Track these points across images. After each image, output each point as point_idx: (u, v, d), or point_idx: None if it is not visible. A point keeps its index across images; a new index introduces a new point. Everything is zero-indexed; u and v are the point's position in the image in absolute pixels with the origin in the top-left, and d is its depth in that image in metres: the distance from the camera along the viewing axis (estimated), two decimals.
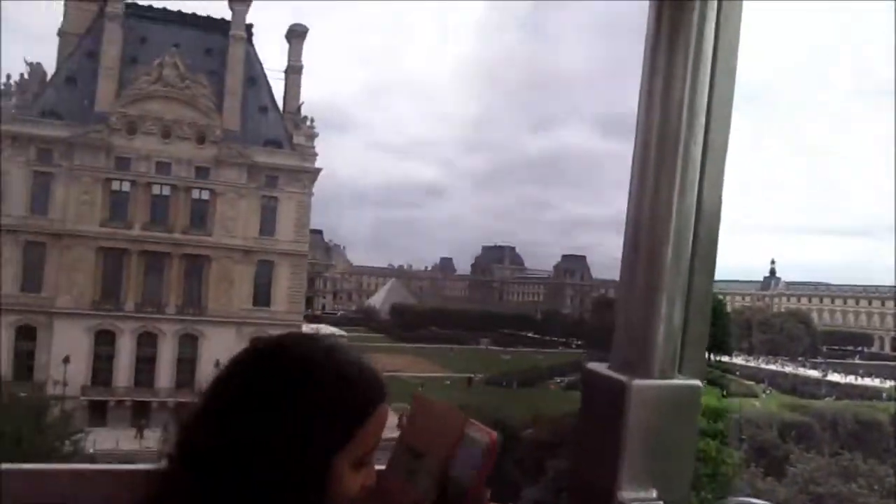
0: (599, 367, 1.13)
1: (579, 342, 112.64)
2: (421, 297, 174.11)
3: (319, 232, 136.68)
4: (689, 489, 1.10)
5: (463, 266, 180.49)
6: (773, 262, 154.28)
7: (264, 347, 1.19)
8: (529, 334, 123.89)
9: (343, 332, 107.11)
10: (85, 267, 51.79)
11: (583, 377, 1.14)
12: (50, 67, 55.51)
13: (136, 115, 53.77)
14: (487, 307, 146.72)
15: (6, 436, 26.11)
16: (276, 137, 58.19)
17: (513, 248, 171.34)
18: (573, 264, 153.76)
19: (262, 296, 55.94)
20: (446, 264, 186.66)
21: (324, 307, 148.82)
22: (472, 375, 79.38)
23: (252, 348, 1.20)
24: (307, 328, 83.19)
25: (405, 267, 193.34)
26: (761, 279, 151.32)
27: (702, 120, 1.09)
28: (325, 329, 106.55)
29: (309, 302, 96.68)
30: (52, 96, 54.02)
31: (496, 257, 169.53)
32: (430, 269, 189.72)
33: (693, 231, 1.09)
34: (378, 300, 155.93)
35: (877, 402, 45.24)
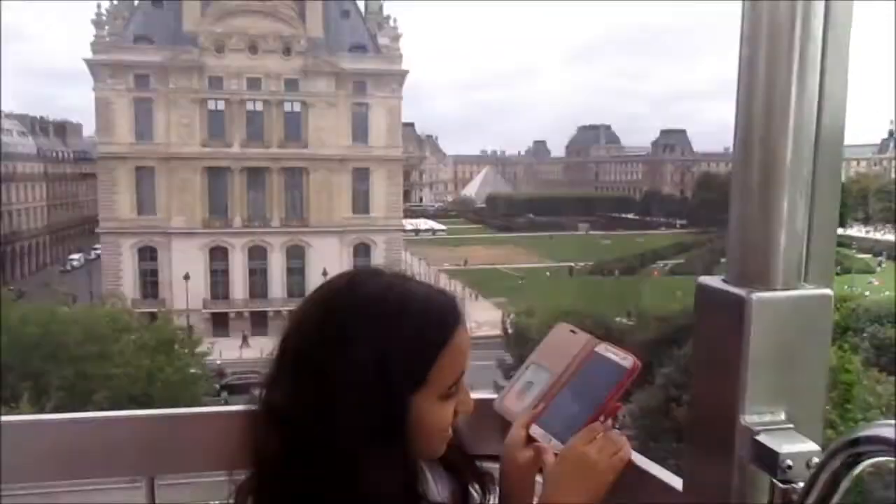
0: (714, 281, 1.04)
1: (682, 221, 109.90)
2: (516, 183, 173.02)
3: (411, 124, 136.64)
4: (822, 409, 1.04)
5: (558, 148, 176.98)
6: (892, 122, 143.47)
7: (329, 289, 1.17)
8: (629, 216, 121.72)
9: (442, 226, 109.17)
10: (192, 187, 53.89)
11: (697, 292, 1.05)
12: None
13: (223, 32, 53.91)
14: (584, 190, 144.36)
15: (147, 372, 28.36)
16: (361, 41, 57.32)
17: (608, 127, 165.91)
18: (672, 139, 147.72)
19: (360, 203, 56.90)
20: (540, 147, 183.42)
21: (421, 199, 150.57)
22: (573, 264, 79.00)
23: (321, 289, 1.18)
24: (408, 223, 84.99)
25: (498, 153, 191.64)
26: (878, 142, 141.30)
27: None
28: (424, 223, 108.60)
29: (406, 195, 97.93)
30: (140, 20, 54.77)
31: (591, 137, 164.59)
32: (523, 154, 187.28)
33: (816, 119, 0.98)
34: (473, 189, 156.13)
35: None
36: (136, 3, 55.60)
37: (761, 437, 0.95)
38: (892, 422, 0.75)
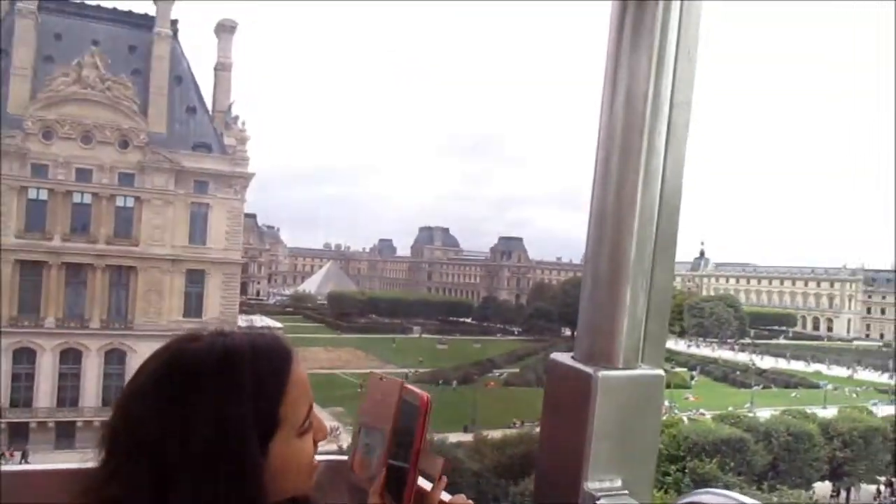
0: (564, 358, 1.15)
1: (517, 329, 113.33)
2: (359, 279, 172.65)
3: (252, 215, 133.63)
4: (653, 478, 1.13)
5: (403, 247, 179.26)
6: (702, 243, 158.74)
7: (150, 368, 1.12)
8: (467, 320, 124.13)
9: (279, 324, 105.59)
10: (1, 281, 48.80)
11: (547, 368, 1.16)
12: None
13: (54, 118, 50.50)
14: (425, 293, 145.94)
15: None
16: (206, 140, 55.72)
17: (445, 229, 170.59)
18: (510, 245, 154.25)
19: (193, 306, 53.88)
20: (385, 245, 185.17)
21: (258, 292, 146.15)
22: (410, 371, 78.70)
23: (142, 370, 1.13)
24: (242, 321, 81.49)
25: (343, 247, 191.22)
26: (691, 260, 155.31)
27: (665, 109, 1.10)
28: (260, 320, 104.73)
29: (243, 287, 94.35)
30: None
31: (427, 238, 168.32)
32: (368, 250, 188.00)
33: (655, 223, 1.11)
34: (314, 284, 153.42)
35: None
36: None
37: (602, 503, 1.05)
38: (714, 490, 0.87)
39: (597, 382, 1.06)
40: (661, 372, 1.14)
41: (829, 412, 52.23)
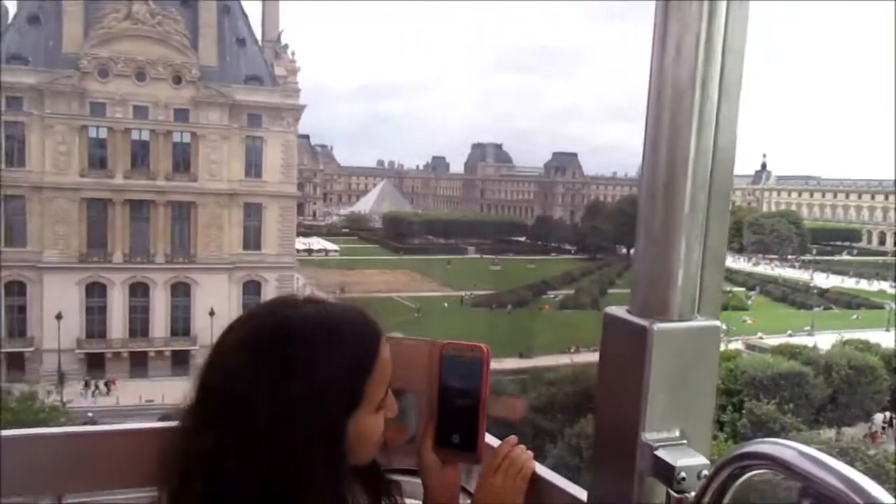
0: (619, 312, 1.16)
1: (571, 248, 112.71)
2: (413, 198, 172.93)
3: (305, 136, 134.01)
4: (711, 428, 1.16)
5: (457, 164, 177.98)
6: (764, 155, 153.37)
7: (251, 324, 1.16)
8: (522, 239, 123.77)
9: (335, 246, 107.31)
10: (69, 219, 50.50)
11: (604, 322, 1.18)
12: (11, 5, 52.20)
13: (107, 56, 50.86)
14: (479, 215, 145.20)
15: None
16: (257, 72, 55.49)
17: (499, 145, 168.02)
18: (564, 161, 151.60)
19: (252, 239, 55.05)
20: (438, 163, 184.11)
21: (314, 213, 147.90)
22: (464, 294, 79.40)
23: (241, 325, 1.16)
24: (300, 242, 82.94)
25: (396, 165, 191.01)
26: (752, 173, 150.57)
27: (718, 57, 1.09)
28: (317, 242, 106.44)
29: (299, 209, 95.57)
30: (14, 39, 50.87)
31: (480, 155, 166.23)
32: (421, 168, 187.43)
33: (709, 173, 1.12)
34: (368, 203, 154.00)
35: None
36: (9, 20, 51.60)
37: (659, 452, 1.07)
38: (772, 440, 0.87)
39: (652, 335, 1.08)
40: (717, 323, 1.15)
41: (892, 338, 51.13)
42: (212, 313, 46.04)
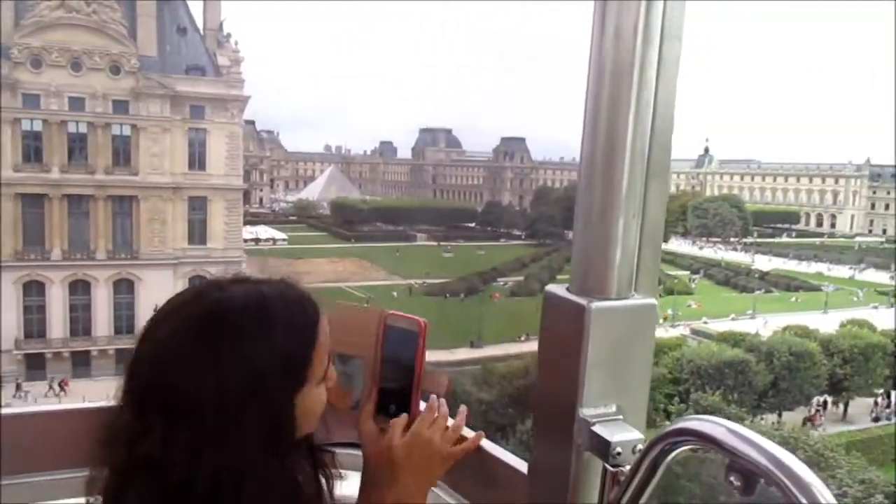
0: (559, 290, 1.19)
1: (520, 233, 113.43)
2: (361, 183, 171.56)
3: (251, 122, 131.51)
4: (646, 403, 1.18)
5: (404, 149, 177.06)
6: (706, 139, 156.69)
7: (179, 311, 1.10)
8: (471, 225, 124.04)
9: (283, 235, 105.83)
10: (3, 215, 48.60)
11: (544, 300, 1.20)
12: None
13: (40, 46, 48.83)
14: (427, 198, 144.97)
15: None
16: (199, 62, 54.03)
17: (448, 130, 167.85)
18: (512, 147, 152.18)
19: (197, 233, 53.84)
20: (386, 148, 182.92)
21: (261, 201, 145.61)
22: (413, 283, 79.25)
23: (169, 313, 1.11)
24: (247, 231, 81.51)
25: (343, 150, 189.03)
26: (695, 157, 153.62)
27: (656, 42, 1.10)
28: (264, 231, 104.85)
29: (246, 196, 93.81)
30: None
31: (430, 140, 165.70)
32: (369, 153, 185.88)
33: (646, 155, 1.13)
34: (317, 189, 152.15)
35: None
36: None
37: (596, 428, 1.10)
38: (703, 417, 0.90)
39: (590, 313, 1.10)
40: (653, 301, 1.17)
41: (831, 319, 52.88)
42: (156, 310, 44.88)
